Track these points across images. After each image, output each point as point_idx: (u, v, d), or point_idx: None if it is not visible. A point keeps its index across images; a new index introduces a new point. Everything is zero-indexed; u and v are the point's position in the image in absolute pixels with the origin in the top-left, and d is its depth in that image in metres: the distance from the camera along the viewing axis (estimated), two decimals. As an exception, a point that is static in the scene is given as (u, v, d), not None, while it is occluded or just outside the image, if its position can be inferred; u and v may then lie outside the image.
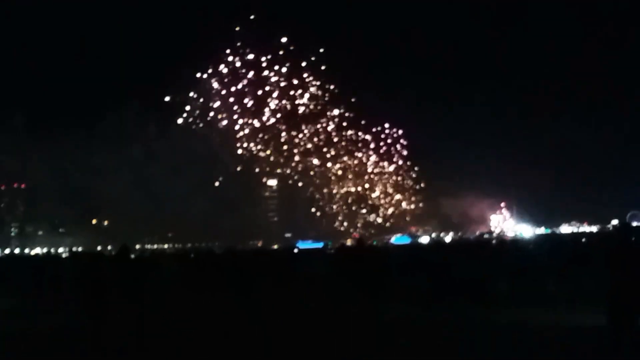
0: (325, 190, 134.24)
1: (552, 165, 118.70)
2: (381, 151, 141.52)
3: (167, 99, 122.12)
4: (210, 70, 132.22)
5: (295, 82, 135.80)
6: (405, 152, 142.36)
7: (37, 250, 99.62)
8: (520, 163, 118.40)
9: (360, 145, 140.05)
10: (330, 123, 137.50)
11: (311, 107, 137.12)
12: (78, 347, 13.76)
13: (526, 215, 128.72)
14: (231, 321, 18.30)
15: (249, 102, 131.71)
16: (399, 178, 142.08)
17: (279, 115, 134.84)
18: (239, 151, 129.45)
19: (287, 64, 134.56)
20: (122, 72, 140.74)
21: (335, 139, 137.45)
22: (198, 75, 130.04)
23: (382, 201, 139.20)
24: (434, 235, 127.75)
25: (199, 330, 16.91)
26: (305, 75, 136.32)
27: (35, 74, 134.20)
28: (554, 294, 21.17)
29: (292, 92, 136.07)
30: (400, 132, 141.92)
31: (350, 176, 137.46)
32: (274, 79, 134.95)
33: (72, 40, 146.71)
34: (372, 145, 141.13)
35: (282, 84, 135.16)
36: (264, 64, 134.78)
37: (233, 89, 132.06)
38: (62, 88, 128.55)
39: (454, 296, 20.73)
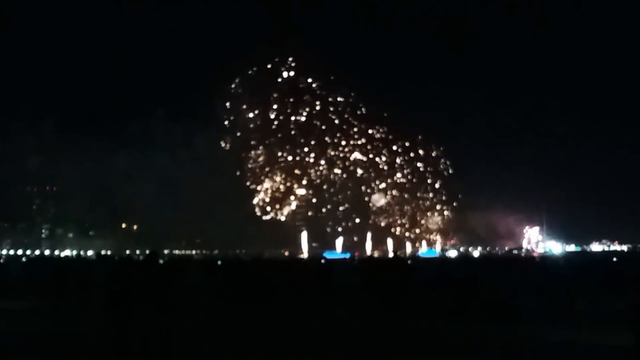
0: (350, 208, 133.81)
1: (584, 182, 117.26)
2: (410, 168, 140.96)
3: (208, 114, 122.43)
4: (240, 81, 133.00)
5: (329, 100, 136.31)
6: (437, 166, 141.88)
7: (67, 252, 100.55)
8: (552, 179, 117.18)
9: (391, 161, 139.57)
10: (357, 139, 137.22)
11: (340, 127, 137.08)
12: (101, 351, 13.83)
13: (556, 232, 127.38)
14: (255, 330, 18.31)
15: (277, 116, 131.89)
16: (429, 194, 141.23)
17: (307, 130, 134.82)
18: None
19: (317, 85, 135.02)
20: (155, 81, 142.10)
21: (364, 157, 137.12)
22: (228, 85, 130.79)
23: (410, 213, 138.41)
24: (462, 249, 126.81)
25: (223, 338, 16.92)
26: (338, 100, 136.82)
27: (69, 82, 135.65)
28: (583, 313, 20.86)
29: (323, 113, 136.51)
30: (433, 152, 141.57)
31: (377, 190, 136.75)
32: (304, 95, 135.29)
33: (104, 49, 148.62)
34: (399, 162, 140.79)
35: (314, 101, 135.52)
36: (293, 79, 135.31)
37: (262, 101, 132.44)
38: (95, 95, 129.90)
39: (479, 312, 20.53)
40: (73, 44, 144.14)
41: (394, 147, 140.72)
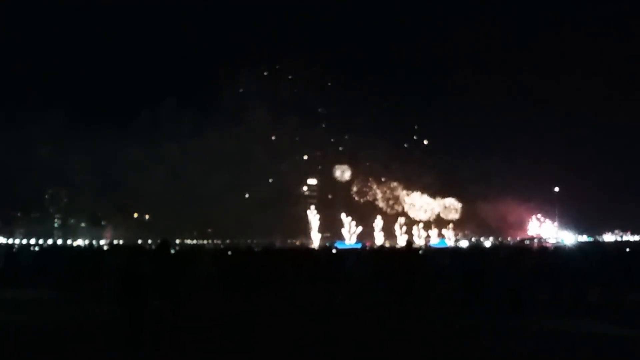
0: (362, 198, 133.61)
1: (597, 171, 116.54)
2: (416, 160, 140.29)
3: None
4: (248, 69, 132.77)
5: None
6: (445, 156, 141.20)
7: (79, 242, 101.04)
8: (564, 168, 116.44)
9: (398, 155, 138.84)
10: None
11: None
12: (114, 340, 13.89)
13: (568, 222, 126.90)
14: (265, 320, 18.34)
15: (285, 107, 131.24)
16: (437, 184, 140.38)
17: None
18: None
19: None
20: (165, 71, 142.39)
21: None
22: (237, 72, 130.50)
23: (420, 206, 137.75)
24: (473, 239, 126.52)
25: (234, 326, 16.97)
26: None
27: (80, 73, 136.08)
28: (595, 304, 20.79)
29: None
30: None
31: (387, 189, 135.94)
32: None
33: (113, 39, 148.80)
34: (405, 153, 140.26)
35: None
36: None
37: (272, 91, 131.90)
38: (106, 85, 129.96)
39: (490, 302, 20.47)
40: (79, 34, 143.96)
41: (398, 140, 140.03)
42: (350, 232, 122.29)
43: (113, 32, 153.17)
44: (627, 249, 43.34)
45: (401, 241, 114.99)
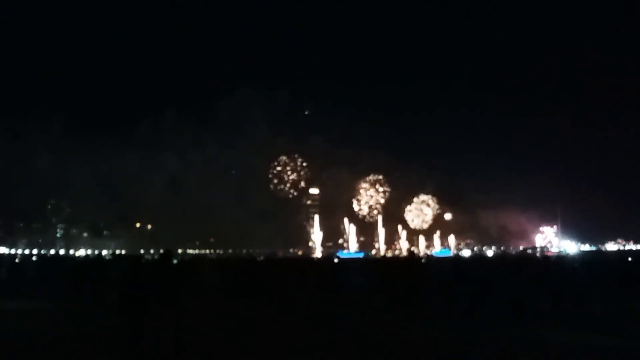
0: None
1: (600, 181, 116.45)
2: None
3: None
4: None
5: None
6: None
7: (82, 252, 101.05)
8: (566, 178, 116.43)
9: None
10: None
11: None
12: (114, 348, 13.88)
13: (571, 231, 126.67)
14: (266, 329, 18.32)
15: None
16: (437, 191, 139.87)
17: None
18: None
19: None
20: (169, 81, 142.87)
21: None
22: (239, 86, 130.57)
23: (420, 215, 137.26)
24: (475, 249, 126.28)
25: (235, 332, 16.96)
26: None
27: (84, 84, 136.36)
28: (598, 314, 20.73)
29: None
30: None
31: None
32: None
33: (115, 51, 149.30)
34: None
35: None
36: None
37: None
38: (110, 95, 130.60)
39: (492, 311, 20.41)
40: (81, 45, 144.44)
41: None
42: (349, 241, 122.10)
43: (115, 44, 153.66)
44: (630, 258, 43.32)
45: (403, 250, 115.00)
